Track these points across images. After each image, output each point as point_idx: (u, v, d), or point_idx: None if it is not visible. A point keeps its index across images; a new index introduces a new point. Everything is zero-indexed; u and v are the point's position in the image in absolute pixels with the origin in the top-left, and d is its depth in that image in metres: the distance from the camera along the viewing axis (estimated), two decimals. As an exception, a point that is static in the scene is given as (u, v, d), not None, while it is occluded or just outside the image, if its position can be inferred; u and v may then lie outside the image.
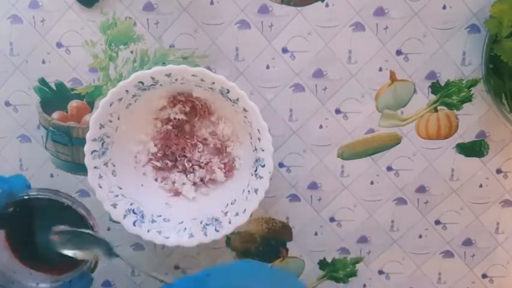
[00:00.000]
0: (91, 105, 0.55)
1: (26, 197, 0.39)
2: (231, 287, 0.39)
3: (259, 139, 0.49)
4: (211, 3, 0.53)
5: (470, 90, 0.55)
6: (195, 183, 0.54)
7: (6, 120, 0.56)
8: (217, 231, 0.51)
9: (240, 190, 0.52)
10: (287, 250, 0.59)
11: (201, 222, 0.52)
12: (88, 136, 0.49)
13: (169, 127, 0.53)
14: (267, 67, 0.55)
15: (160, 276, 0.43)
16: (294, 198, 0.58)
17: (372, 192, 0.58)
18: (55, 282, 0.42)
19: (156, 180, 0.55)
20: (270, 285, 0.41)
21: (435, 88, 0.55)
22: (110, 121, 0.49)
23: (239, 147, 0.54)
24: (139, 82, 0.47)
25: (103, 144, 0.50)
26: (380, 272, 0.61)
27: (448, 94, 0.55)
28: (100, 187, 0.50)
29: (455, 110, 0.56)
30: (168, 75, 0.47)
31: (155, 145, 0.54)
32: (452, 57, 0.54)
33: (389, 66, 0.54)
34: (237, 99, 0.47)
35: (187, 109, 0.53)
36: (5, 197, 0.38)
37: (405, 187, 0.58)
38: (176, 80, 0.48)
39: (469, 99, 0.55)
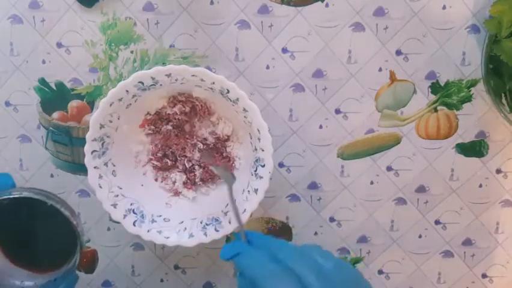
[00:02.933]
0: (91, 105, 0.55)
1: (10, 196, 0.39)
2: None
3: (259, 139, 0.49)
4: (211, 3, 0.53)
5: (470, 91, 0.55)
6: (195, 183, 0.54)
7: (6, 120, 0.56)
8: (217, 231, 0.51)
9: (240, 190, 0.51)
10: (287, 250, 0.59)
11: (201, 222, 0.52)
12: (88, 136, 0.49)
13: (169, 127, 0.53)
14: (267, 67, 0.55)
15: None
16: (294, 198, 0.58)
17: (372, 192, 0.58)
18: (40, 280, 0.42)
19: (156, 180, 0.54)
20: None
21: (435, 88, 0.55)
22: (110, 121, 0.49)
23: (239, 147, 0.54)
24: (139, 82, 0.47)
25: (103, 144, 0.50)
26: (380, 272, 0.61)
27: (447, 94, 0.55)
28: (100, 187, 0.50)
29: (454, 110, 0.56)
30: (168, 75, 0.47)
31: (156, 145, 0.54)
32: (452, 57, 0.54)
33: (388, 66, 0.55)
34: (237, 99, 0.47)
35: (187, 109, 0.53)
36: None
37: (405, 187, 0.58)
38: (176, 80, 0.48)
39: (468, 99, 0.55)
